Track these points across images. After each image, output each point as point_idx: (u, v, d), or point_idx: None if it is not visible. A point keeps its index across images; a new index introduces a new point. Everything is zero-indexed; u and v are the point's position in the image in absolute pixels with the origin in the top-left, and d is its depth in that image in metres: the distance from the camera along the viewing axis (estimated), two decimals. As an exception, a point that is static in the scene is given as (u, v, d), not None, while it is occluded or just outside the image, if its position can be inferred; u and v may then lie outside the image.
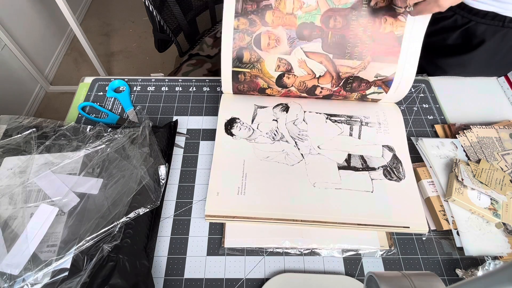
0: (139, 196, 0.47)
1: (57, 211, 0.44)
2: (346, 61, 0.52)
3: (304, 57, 0.52)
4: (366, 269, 0.46)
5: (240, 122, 0.56)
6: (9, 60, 1.49)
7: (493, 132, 0.56)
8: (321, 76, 0.54)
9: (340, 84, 0.55)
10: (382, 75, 0.54)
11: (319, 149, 0.53)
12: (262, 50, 0.52)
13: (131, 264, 0.42)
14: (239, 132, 0.55)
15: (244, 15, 0.50)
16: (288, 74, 0.54)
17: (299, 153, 0.53)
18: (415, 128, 0.60)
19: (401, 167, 0.52)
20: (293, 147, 0.53)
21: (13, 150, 0.50)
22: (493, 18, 0.61)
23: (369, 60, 0.53)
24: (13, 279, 0.39)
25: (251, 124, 0.56)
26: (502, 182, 0.49)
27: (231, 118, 0.56)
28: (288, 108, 0.58)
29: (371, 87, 0.55)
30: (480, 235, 0.46)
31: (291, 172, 0.51)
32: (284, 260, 0.46)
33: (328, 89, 0.56)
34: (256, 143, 0.54)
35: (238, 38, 0.51)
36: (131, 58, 1.91)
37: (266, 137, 0.54)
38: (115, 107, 0.63)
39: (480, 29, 0.63)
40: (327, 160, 0.52)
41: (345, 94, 0.57)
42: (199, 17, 0.98)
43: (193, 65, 1.00)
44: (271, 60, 0.53)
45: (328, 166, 0.51)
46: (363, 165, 0.52)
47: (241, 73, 0.54)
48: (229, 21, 0.51)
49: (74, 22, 1.33)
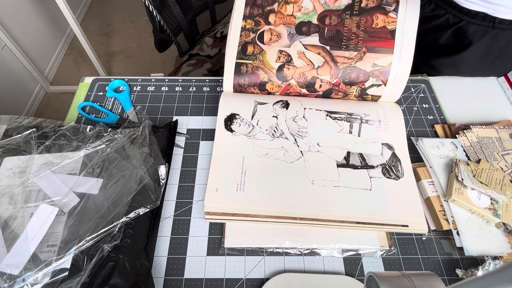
0: (139, 196, 0.47)
1: (57, 211, 0.44)
2: (343, 52, 0.56)
3: (303, 49, 0.56)
4: (366, 269, 0.46)
5: (240, 118, 0.56)
6: (9, 60, 1.49)
7: (493, 132, 0.56)
8: (319, 66, 0.56)
9: (339, 75, 0.56)
10: (379, 65, 0.55)
11: (318, 147, 0.53)
12: (264, 44, 0.57)
13: (131, 264, 0.42)
14: (238, 128, 0.55)
15: (251, 17, 0.58)
16: (288, 65, 0.56)
17: (298, 150, 0.53)
18: (415, 128, 0.60)
19: (400, 165, 0.52)
20: (292, 144, 0.53)
21: (13, 150, 0.50)
22: (483, 18, 0.61)
23: (365, 51, 0.55)
24: (13, 279, 0.39)
25: (251, 121, 0.56)
26: (502, 182, 0.49)
27: (231, 114, 0.56)
28: (288, 104, 0.58)
29: (369, 78, 0.56)
30: (480, 235, 0.46)
31: (290, 169, 0.51)
32: (284, 260, 0.46)
33: (327, 82, 0.57)
34: (256, 139, 0.54)
35: (244, 35, 0.57)
36: (131, 58, 1.91)
37: (266, 134, 0.54)
38: (115, 107, 0.63)
39: (471, 29, 0.63)
40: (326, 158, 0.52)
41: (344, 89, 0.57)
42: (199, 17, 0.98)
43: (193, 65, 1.00)
44: (272, 52, 0.57)
45: (327, 164, 0.52)
46: (362, 163, 0.52)
47: (244, 65, 0.57)
48: (238, 22, 0.58)
49: (74, 22, 1.33)
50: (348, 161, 0.52)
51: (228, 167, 0.51)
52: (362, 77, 0.56)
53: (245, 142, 0.54)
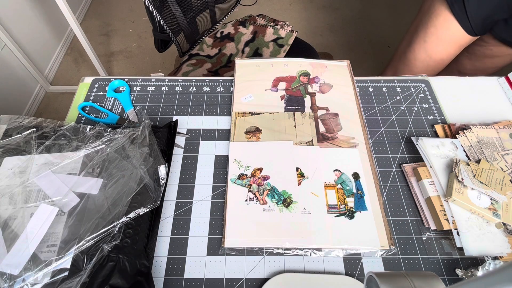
0: (139, 196, 0.47)
1: (57, 211, 0.44)
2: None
3: None
4: (366, 269, 0.46)
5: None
6: (9, 60, 1.49)
7: (493, 132, 0.56)
8: None
9: None
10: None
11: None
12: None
13: (131, 264, 0.42)
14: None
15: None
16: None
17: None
18: (415, 128, 0.60)
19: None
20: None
21: (13, 150, 0.50)
22: None
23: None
24: (13, 279, 0.39)
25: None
26: (502, 182, 0.49)
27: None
28: None
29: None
30: (480, 235, 0.46)
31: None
32: (284, 260, 0.46)
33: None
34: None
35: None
36: (131, 58, 1.91)
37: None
38: (115, 107, 0.63)
39: None
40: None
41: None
42: (199, 17, 0.98)
43: (193, 65, 1.00)
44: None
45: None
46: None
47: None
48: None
49: (74, 22, 1.33)
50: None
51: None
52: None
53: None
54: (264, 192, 0.51)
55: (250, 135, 0.58)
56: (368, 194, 0.51)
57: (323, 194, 0.51)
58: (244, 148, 0.56)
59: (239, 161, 0.55)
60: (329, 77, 0.66)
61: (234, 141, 0.57)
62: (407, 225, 0.50)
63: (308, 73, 0.67)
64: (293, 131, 0.58)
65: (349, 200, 0.51)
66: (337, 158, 0.55)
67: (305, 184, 0.52)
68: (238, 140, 0.57)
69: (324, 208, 0.50)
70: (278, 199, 0.51)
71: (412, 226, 0.49)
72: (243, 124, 0.59)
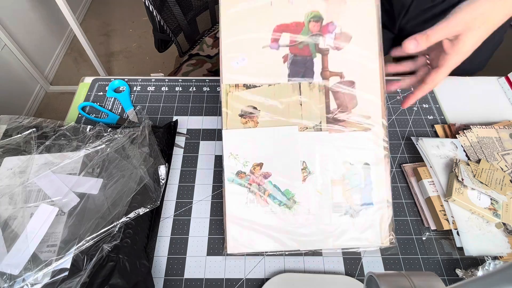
0: (139, 196, 0.47)
1: (57, 211, 0.44)
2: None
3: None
4: (366, 269, 0.46)
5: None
6: (9, 60, 1.49)
7: (493, 132, 0.56)
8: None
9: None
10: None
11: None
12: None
13: (131, 264, 0.42)
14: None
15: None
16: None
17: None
18: (415, 128, 0.60)
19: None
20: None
21: (13, 150, 0.50)
22: None
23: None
24: (13, 279, 0.39)
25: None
26: (502, 182, 0.49)
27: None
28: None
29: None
30: (480, 235, 0.46)
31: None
32: (284, 260, 0.46)
33: None
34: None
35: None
36: (131, 58, 1.91)
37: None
38: (115, 107, 0.63)
39: None
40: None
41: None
42: (199, 17, 0.98)
43: (193, 65, 1.00)
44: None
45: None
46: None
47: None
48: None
49: (74, 22, 1.33)
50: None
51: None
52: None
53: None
54: (265, 193, 0.47)
55: (247, 119, 0.46)
56: (376, 188, 0.46)
57: (329, 192, 0.46)
58: (240, 138, 0.46)
59: (235, 156, 0.46)
60: (349, 22, 0.46)
61: (228, 128, 0.46)
62: (407, 225, 0.50)
63: (320, 17, 0.46)
64: (299, 110, 0.47)
65: (356, 196, 0.46)
66: (348, 146, 0.47)
67: (310, 180, 0.46)
68: (232, 127, 0.46)
69: (329, 207, 0.46)
70: (281, 200, 0.46)
71: (412, 226, 0.49)
72: (236, 102, 0.46)
